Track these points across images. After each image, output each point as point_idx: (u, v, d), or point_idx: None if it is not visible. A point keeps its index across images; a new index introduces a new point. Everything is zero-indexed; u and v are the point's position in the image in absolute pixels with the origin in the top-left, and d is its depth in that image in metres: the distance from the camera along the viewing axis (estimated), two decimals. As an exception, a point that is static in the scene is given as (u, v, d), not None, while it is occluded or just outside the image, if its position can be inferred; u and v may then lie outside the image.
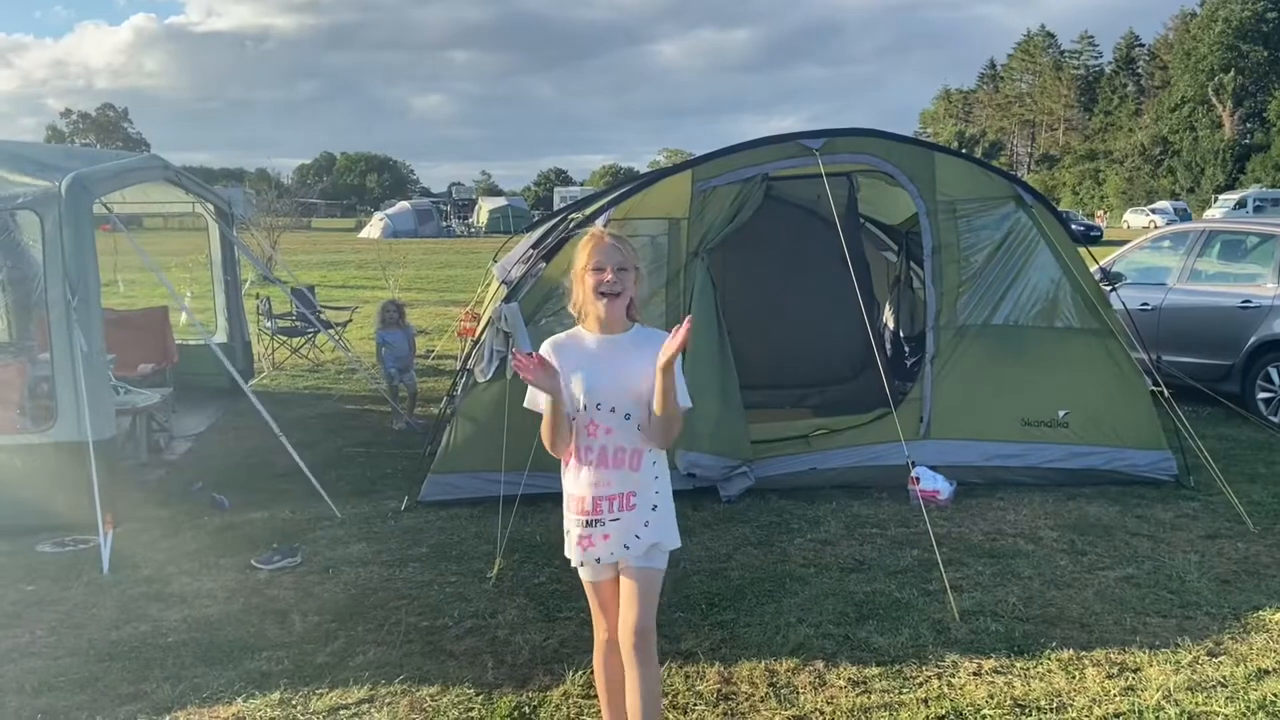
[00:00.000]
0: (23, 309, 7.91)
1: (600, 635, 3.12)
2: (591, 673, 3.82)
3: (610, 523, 2.92)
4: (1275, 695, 3.66)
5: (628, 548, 2.93)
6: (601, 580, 3.04)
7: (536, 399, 2.90)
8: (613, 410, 2.89)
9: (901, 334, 8.40)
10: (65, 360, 5.52)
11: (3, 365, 6.40)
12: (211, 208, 9.15)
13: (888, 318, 8.56)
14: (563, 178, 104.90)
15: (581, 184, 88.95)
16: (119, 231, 6.73)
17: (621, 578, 3.00)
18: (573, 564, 3.07)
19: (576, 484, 2.95)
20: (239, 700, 3.71)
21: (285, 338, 11.66)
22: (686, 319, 2.76)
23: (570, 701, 3.69)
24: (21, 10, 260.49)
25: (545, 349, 2.94)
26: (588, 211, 6.73)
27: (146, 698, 3.75)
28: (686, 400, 2.91)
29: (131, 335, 8.41)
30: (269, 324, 11.67)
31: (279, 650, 4.11)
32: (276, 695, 3.74)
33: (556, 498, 5.55)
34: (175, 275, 12.66)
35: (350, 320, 12.68)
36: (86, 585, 4.85)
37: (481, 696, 3.74)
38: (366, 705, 3.69)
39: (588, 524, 2.93)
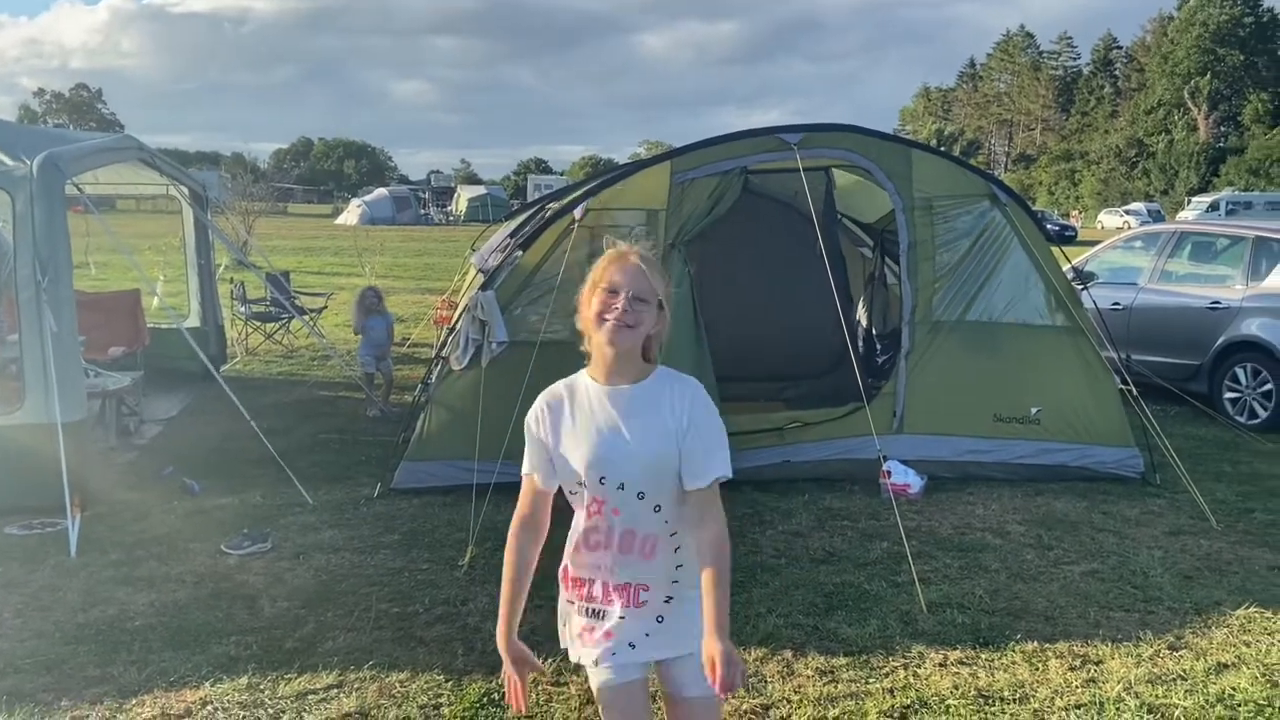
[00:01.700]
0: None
1: None
2: (561, 660, 3.84)
3: (618, 620, 2.36)
4: (1234, 689, 3.73)
5: (633, 646, 2.36)
6: (620, 684, 2.38)
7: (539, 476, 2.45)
8: (621, 488, 2.29)
9: (875, 331, 8.45)
10: (34, 341, 5.46)
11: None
12: (186, 191, 9.07)
13: (862, 314, 8.62)
14: (543, 167, 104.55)
15: (562, 174, 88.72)
16: (91, 213, 6.66)
17: (668, 708, 2.47)
18: (572, 659, 2.48)
19: (576, 563, 2.41)
20: (206, 684, 3.70)
21: (259, 323, 11.58)
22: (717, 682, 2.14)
23: (539, 688, 3.70)
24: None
25: (539, 407, 2.42)
26: (566, 201, 6.73)
27: (113, 681, 3.73)
28: (727, 471, 2.32)
29: (102, 318, 8.33)
30: (243, 309, 11.59)
31: (248, 635, 4.10)
32: (244, 680, 3.73)
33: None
34: (148, 258, 12.57)
35: (325, 307, 12.60)
36: (54, 568, 4.81)
37: (451, 683, 3.75)
38: (335, 690, 3.69)
39: (590, 613, 2.39)
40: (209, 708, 3.56)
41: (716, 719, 2.48)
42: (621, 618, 2.34)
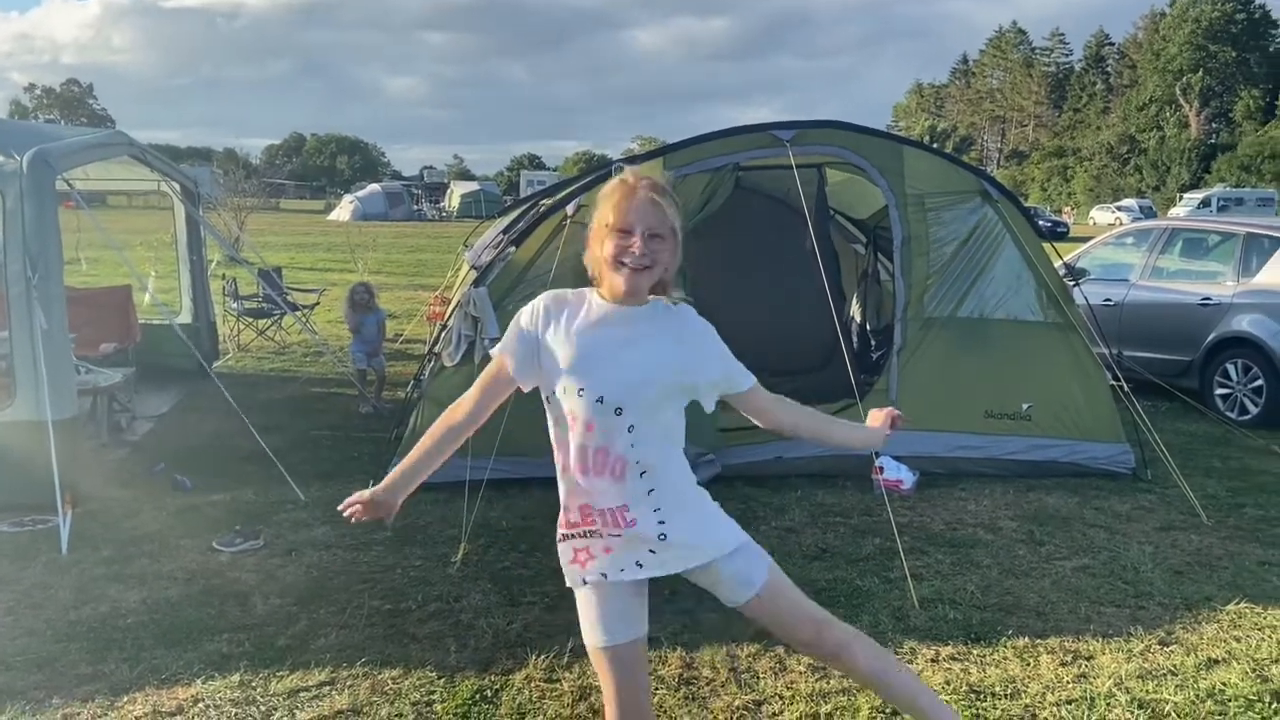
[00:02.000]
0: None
1: None
2: (554, 656, 3.85)
3: (610, 536, 2.32)
4: (1224, 684, 3.74)
5: (640, 565, 2.33)
6: (619, 644, 2.34)
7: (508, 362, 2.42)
8: (600, 401, 2.27)
9: (868, 327, 8.47)
10: (25, 338, 5.44)
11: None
12: (177, 186, 9.03)
13: (854, 310, 8.63)
14: (536, 163, 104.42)
15: (555, 169, 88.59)
16: (82, 209, 6.63)
17: (747, 613, 2.49)
18: (571, 584, 2.44)
19: (565, 489, 2.38)
20: (198, 682, 3.69)
21: (251, 319, 11.55)
22: (893, 413, 2.67)
23: (532, 685, 3.70)
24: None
25: (539, 304, 2.40)
26: (558, 197, 6.72)
27: (105, 678, 3.72)
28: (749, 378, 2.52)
29: (93, 314, 8.30)
30: (235, 305, 11.56)
31: (239, 632, 4.09)
32: (236, 677, 3.73)
33: (522, 483, 5.62)
34: (139, 254, 12.52)
35: (318, 303, 12.58)
36: (45, 565, 4.80)
37: (443, 679, 3.75)
38: (327, 688, 3.68)
39: (584, 535, 2.34)
40: (200, 705, 3.55)
41: (788, 594, 2.55)
42: (616, 535, 2.32)
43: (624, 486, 2.31)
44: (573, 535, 2.38)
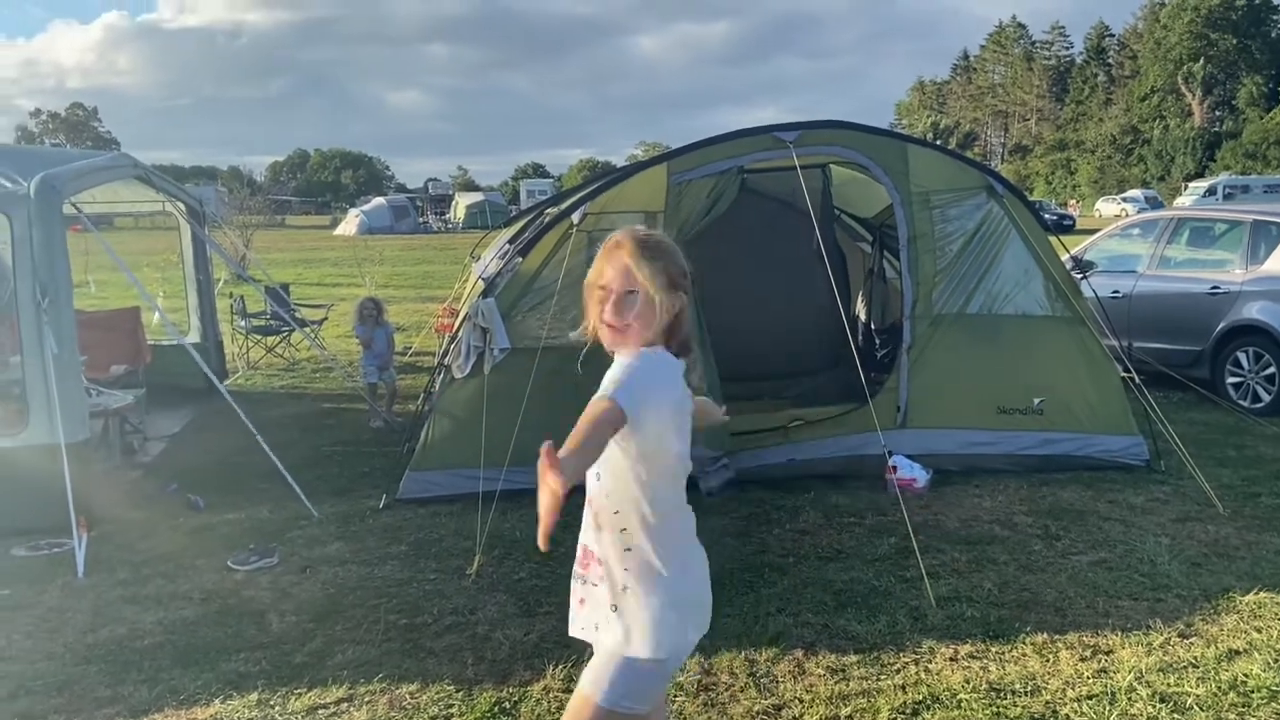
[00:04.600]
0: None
1: None
2: (572, 666, 3.84)
3: (591, 586, 2.30)
4: (1245, 675, 3.72)
5: (598, 628, 2.29)
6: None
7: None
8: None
9: (874, 326, 8.45)
10: (36, 363, 5.46)
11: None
12: (183, 206, 9.07)
13: (861, 309, 8.62)
14: (539, 171, 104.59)
15: (557, 178, 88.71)
16: (89, 231, 6.67)
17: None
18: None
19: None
20: (216, 701, 3.70)
21: (260, 336, 11.59)
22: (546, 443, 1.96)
23: (550, 696, 3.69)
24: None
25: None
26: (564, 205, 6.73)
27: (124, 700, 3.73)
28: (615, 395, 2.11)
29: (103, 336, 8.32)
30: (243, 323, 11.60)
31: (256, 651, 4.10)
32: (254, 696, 3.73)
33: (535, 494, 5.59)
34: (147, 275, 12.57)
35: (326, 319, 12.61)
36: (62, 589, 4.81)
37: (462, 693, 3.74)
38: (345, 704, 3.68)
39: (580, 580, 2.33)
40: (220, 724, 3.55)
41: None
42: (595, 585, 2.27)
43: (603, 536, 2.28)
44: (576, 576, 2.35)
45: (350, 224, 49.61)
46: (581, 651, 3.86)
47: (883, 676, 3.79)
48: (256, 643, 4.18)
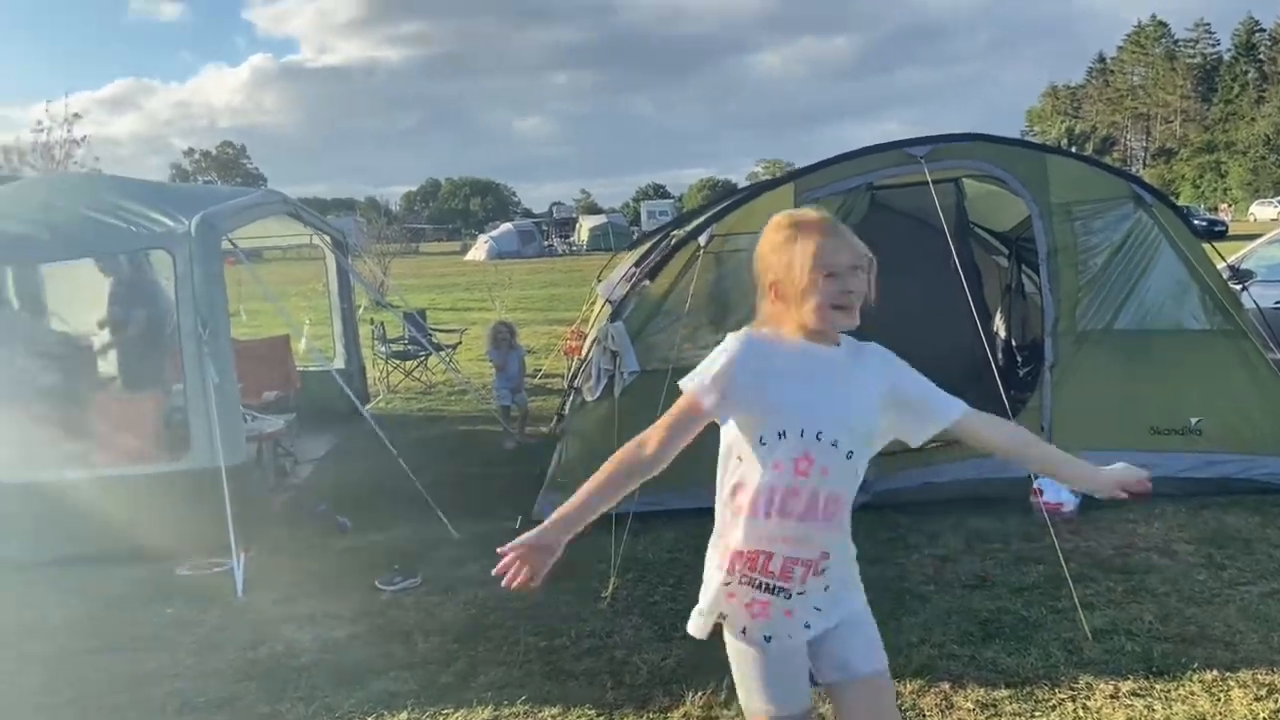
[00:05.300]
0: (155, 343, 8.34)
1: None
2: (710, 693, 3.81)
3: (797, 595, 2.22)
4: None
5: (808, 626, 2.26)
6: (793, 714, 2.27)
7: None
8: (834, 444, 2.17)
9: (1014, 342, 8.16)
10: (198, 391, 5.78)
11: (139, 398, 6.73)
12: (329, 239, 9.49)
13: (1000, 326, 8.34)
14: (660, 192, 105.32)
15: (678, 198, 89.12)
16: (243, 263, 7.04)
17: (838, 696, 2.29)
18: (732, 637, 2.31)
19: (753, 534, 2.21)
20: (369, 720, 3.81)
21: (399, 361, 11.99)
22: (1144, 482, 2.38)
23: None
24: (149, 57, 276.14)
25: (740, 344, 2.23)
26: (690, 227, 6.74)
27: (282, 717, 3.88)
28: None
29: (256, 364, 8.76)
30: (383, 349, 12.03)
31: (404, 671, 4.21)
32: (404, 715, 3.83)
33: (667, 515, 5.62)
34: (294, 304, 13.17)
35: (460, 342, 12.96)
36: (223, 608, 5.06)
37: (603, 717, 3.76)
38: (490, 725, 3.74)
39: (770, 589, 2.22)
40: (372, 743, 3.66)
41: (892, 698, 2.33)
42: (801, 593, 2.22)
43: (829, 530, 2.23)
44: (749, 584, 2.24)
45: (480, 249, 51.01)
46: (719, 681, 3.84)
47: (1037, 713, 3.62)
48: (405, 662, 4.30)
